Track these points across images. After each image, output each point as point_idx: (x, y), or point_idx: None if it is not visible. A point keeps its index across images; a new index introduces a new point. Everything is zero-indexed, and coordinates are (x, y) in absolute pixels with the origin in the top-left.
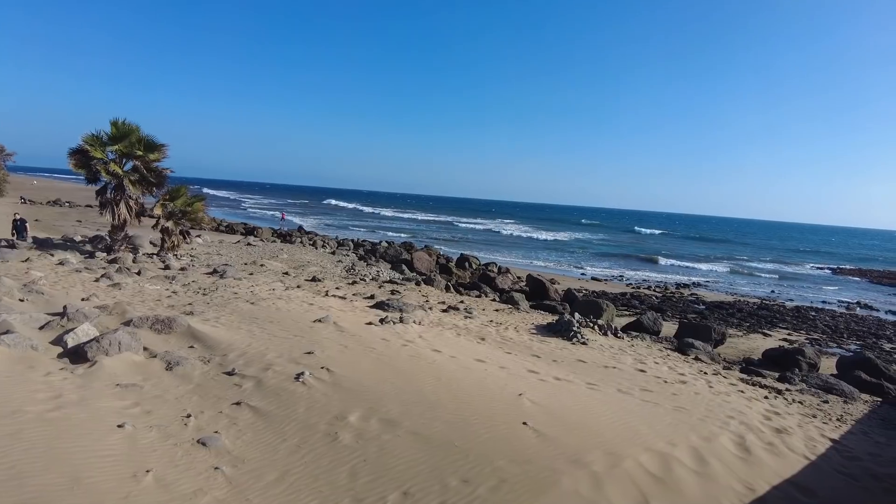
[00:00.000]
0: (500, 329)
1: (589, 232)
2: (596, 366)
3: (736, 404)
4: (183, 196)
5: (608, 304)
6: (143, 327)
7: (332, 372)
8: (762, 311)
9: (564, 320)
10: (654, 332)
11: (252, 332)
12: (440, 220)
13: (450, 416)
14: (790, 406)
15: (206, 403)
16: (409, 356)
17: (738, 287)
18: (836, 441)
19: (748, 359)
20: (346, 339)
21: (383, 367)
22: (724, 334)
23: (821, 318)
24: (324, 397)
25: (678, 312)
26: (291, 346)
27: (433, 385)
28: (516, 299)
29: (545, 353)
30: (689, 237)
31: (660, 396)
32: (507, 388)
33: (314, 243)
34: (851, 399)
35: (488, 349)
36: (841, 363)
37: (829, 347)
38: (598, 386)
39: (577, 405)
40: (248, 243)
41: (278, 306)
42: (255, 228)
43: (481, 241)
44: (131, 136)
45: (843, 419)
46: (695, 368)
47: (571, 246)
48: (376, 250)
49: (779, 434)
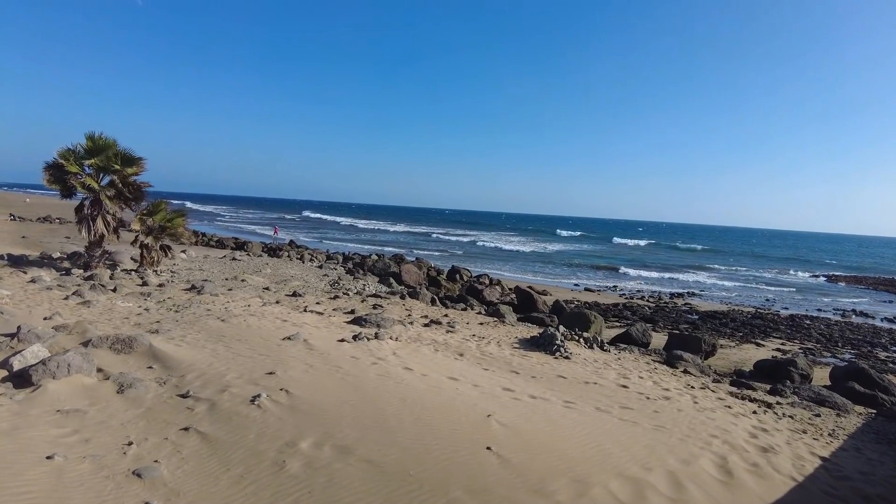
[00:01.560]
0: (481, 344)
1: (582, 243)
2: (576, 382)
3: (721, 421)
4: (162, 211)
5: (596, 316)
6: (101, 347)
7: (291, 394)
8: (756, 321)
9: (548, 334)
10: (643, 344)
11: (216, 351)
12: (434, 232)
13: (409, 441)
14: (780, 421)
15: (152, 429)
16: (376, 375)
17: (732, 296)
18: (827, 459)
19: (739, 371)
20: (313, 358)
21: (346, 388)
22: (714, 345)
23: (815, 327)
24: (278, 422)
25: (670, 323)
26: (254, 365)
27: (397, 407)
28: (502, 312)
29: (525, 369)
30: (680, 246)
31: (640, 415)
32: (476, 408)
33: (301, 257)
34: (844, 412)
35: (465, 366)
36: (834, 374)
37: (823, 357)
38: (575, 404)
39: (549, 426)
40: (233, 258)
41: (249, 323)
42: (246, 243)
43: (478, 254)
44: (108, 149)
45: (835, 434)
46: (682, 382)
47: (565, 256)
48: (365, 263)
49: (765, 453)
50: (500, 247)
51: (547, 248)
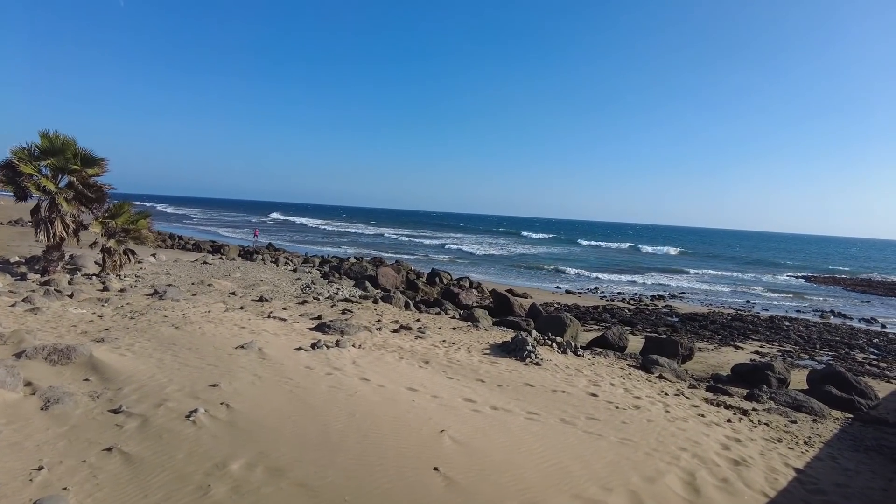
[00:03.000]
0: (450, 350)
1: (567, 245)
2: (544, 390)
3: (693, 432)
4: (126, 213)
5: (572, 320)
6: (36, 358)
7: (232, 408)
8: (736, 323)
9: (518, 339)
10: (620, 349)
11: (163, 360)
12: (419, 234)
13: (351, 461)
14: (755, 430)
15: (71, 450)
16: (328, 387)
17: (712, 298)
18: (801, 471)
19: (716, 375)
20: (263, 369)
21: (293, 402)
22: (691, 349)
23: (794, 329)
24: (212, 440)
25: (649, 326)
26: (199, 377)
27: (344, 422)
28: (477, 316)
29: (491, 377)
30: (662, 249)
31: (606, 426)
32: (430, 422)
33: (276, 261)
34: (821, 417)
35: (428, 374)
36: (811, 377)
37: (801, 360)
38: (538, 415)
39: (507, 441)
40: (204, 262)
41: (204, 330)
42: (223, 246)
43: (461, 257)
44: (66, 149)
45: (811, 442)
46: (656, 389)
47: (547, 259)
48: (341, 267)
49: (736, 467)
50: (485, 251)
51: (530, 251)
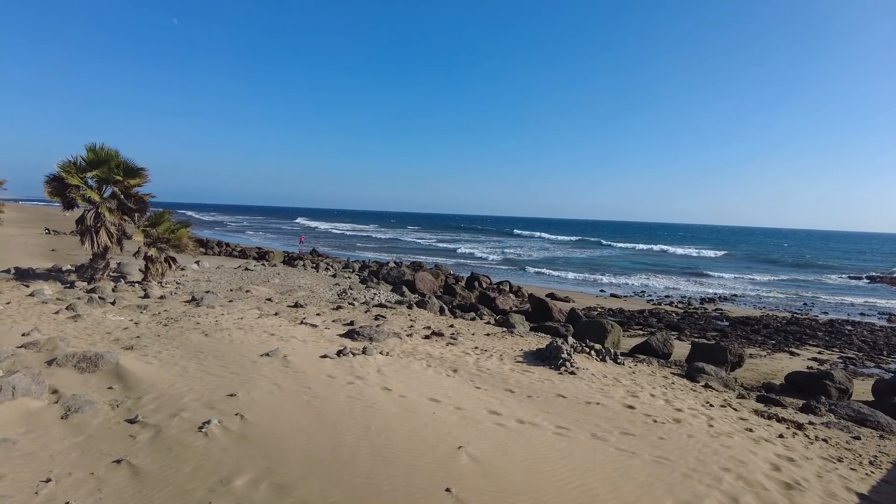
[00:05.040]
0: (481, 358)
1: (610, 249)
2: (576, 402)
3: (738, 449)
4: (166, 222)
5: (613, 325)
6: (66, 365)
7: (246, 419)
8: (791, 327)
9: (553, 346)
10: (664, 356)
11: (186, 368)
12: (454, 238)
13: (359, 479)
14: (811, 447)
15: (83, 462)
16: (347, 398)
17: (765, 301)
18: (865, 496)
19: (768, 384)
20: (284, 377)
21: (308, 413)
22: (741, 356)
23: (857, 333)
24: (221, 453)
25: (697, 331)
26: (219, 385)
27: (358, 436)
28: (513, 322)
29: (522, 387)
30: (710, 248)
31: (641, 442)
32: (448, 437)
33: (317, 266)
34: (889, 433)
35: (454, 384)
36: (878, 387)
37: (865, 368)
38: (568, 430)
39: (530, 460)
40: (245, 268)
41: (233, 337)
42: (268, 252)
43: (508, 261)
44: (110, 161)
45: (877, 462)
46: (700, 399)
47: (584, 262)
48: (380, 272)
49: (788, 491)
50: (516, 254)
51: (579, 255)
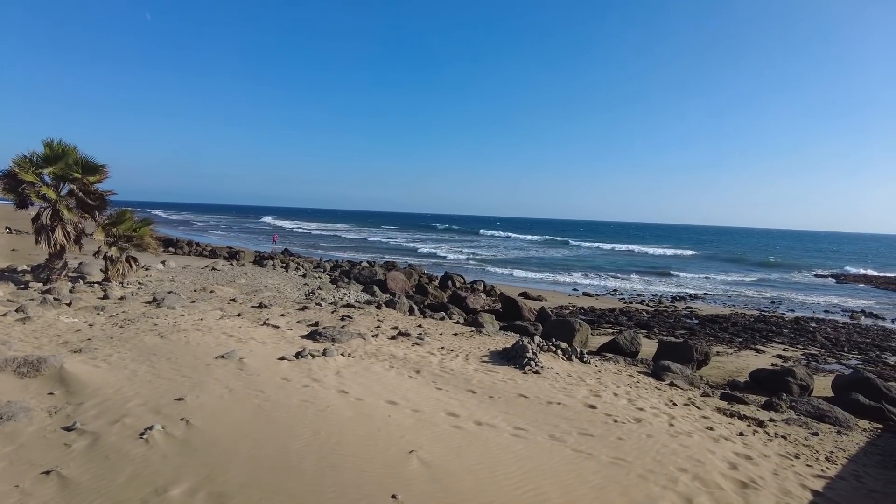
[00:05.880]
0: (446, 358)
1: (583, 248)
2: (538, 402)
3: (697, 449)
4: (127, 220)
5: (581, 324)
6: (5, 370)
7: (191, 425)
8: (758, 325)
9: (519, 346)
10: (631, 354)
11: (136, 372)
12: (426, 238)
13: (303, 486)
14: (769, 444)
15: (8, 474)
16: (300, 401)
17: (735, 299)
18: (820, 493)
19: (733, 381)
20: (237, 380)
21: (257, 418)
22: (707, 354)
23: (821, 330)
24: (160, 461)
25: (667, 329)
26: (168, 389)
27: (306, 441)
28: (482, 321)
29: (484, 388)
30: (682, 248)
31: (600, 443)
32: (402, 441)
33: (287, 266)
34: (846, 428)
35: (415, 385)
36: (837, 384)
37: (827, 364)
38: (526, 431)
39: (484, 463)
40: (213, 268)
41: (189, 339)
42: (238, 252)
43: (470, 260)
44: (67, 157)
45: (833, 458)
46: (664, 398)
47: (568, 261)
48: (352, 272)
49: (744, 490)
50: (505, 254)
51: (554, 254)
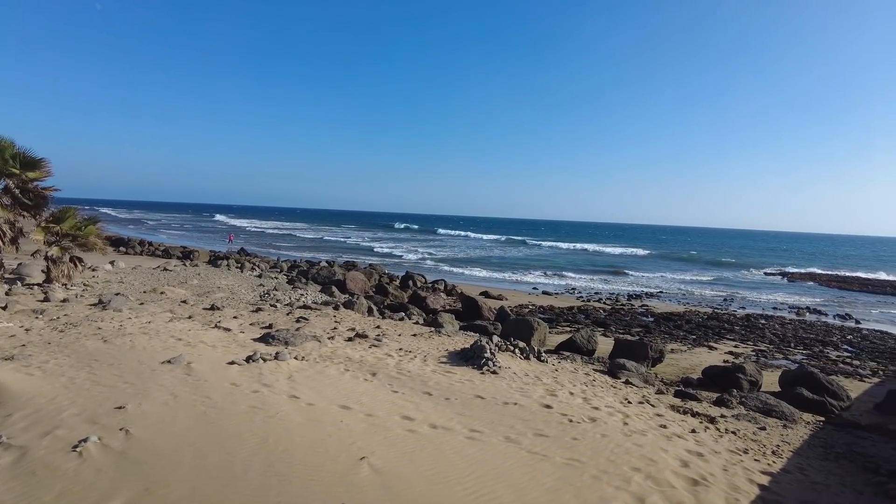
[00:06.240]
0: (404, 360)
1: (543, 247)
2: (494, 403)
3: (650, 448)
4: (71, 218)
5: (540, 323)
6: None
7: (130, 435)
8: (711, 322)
9: (477, 346)
10: (588, 352)
11: (74, 379)
12: (385, 237)
13: (248, 496)
14: (720, 440)
15: None
16: (248, 407)
17: (689, 297)
18: (766, 487)
19: (686, 378)
20: (184, 386)
21: (202, 426)
22: (661, 351)
23: (770, 327)
24: (93, 475)
25: (623, 326)
26: (108, 397)
27: (253, 450)
28: (442, 321)
29: (441, 389)
30: (638, 247)
31: (555, 444)
32: (353, 447)
33: (242, 266)
34: (792, 422)
35: (370, 388)
36: (783, 379)
37: (775, 359)
38: (481, 433)
39: (437, 468)
40: (165, 268)
41: (135, 343)
42: (193, 251)
43: (440, 260)
44: (3, 151)
45: (779, 452)
46: (619, 396)
47: (528, 260)
48: (310, 272)
49: (694, 488)
50: (466, 253)
51: (515, 253)
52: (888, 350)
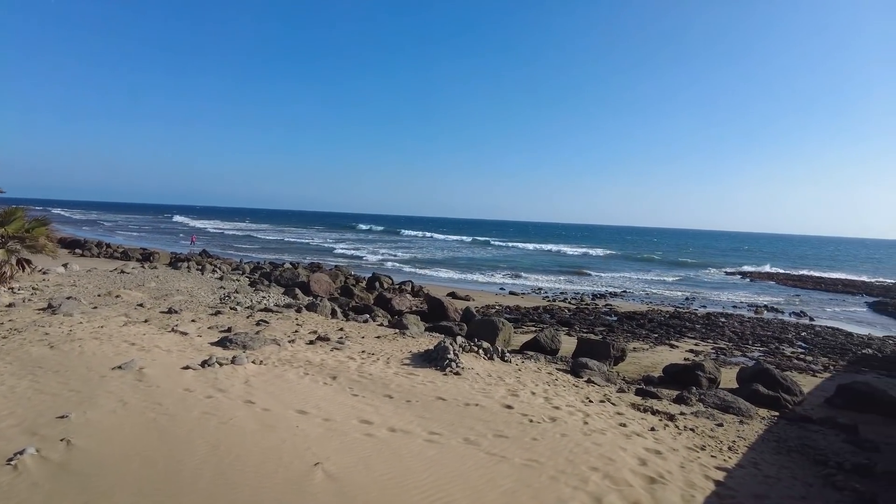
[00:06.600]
0: (366, 362)
1: (510, 248)
2: (456, 404)
3: (609, 447)
4: (18, 220)
5: (504, 323)
6: None
7: (73, 445)
8: (673, 321)
9: (441, 347)
10: (552, 352)
11: (14, 388)
12: (349, 239)
13: None
14: (678, 437)
15: None
16: (201, 413)
17: (653, 296)
18: (721, 483)
19: (647, 377)
20: (134, 393)
21: (151, 433)
22: (623, 350)
23: (729, 325)
24: (29, 490)
25: (587, 326)
26: (51, 406)
27: (203, 457)
28: (407, 322)
29: (402, 392)
30: (602, 247)
31: (514, 445)
32: (307, 453)
33: (203, 268)
34: (748, 418)
35: (330, 392)
36: (740, 376)
37: (733, 357)
38: (441, 436)
39: (393, 472)
40: (122, 271)
41: (84, 349)
42: (153, 253)
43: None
44: None
45: (735, 447)
46: (581, 395)
47: (495, 261)
48: (272, 274)
49: (651, 486)
50: (433, 254)
51: (483, 254)
52: (839, 346)
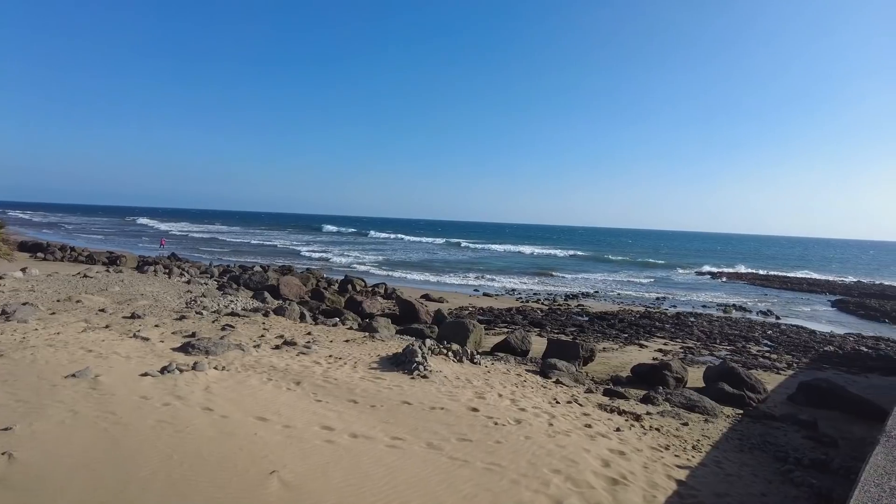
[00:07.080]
0: (332, 367)
1: (482, 250)
2: (421, 408)
3: (573, 448)
4: None
5: (475, 325)
6: None
7: (15, 459)
8: (643, 321)
9: (409, 350)
10: (522, 353)
11: None
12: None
13: None
14: (643, 438)
15: None
16: (156, 422)
17: (624, 297)
18: (683, 483)
19: (616, 377)
20: (86, 402)
21: (102, 444)
22: (593, 350)
23: (698, 325)
24: None
25: (559, 326)
26: None
27: (155, 468)
28: (376, 326)
29: (367, 397)
30: (575, 248)
31: (477, 448)
32: (264, 461)
33: (170, 272)
34: (713, 416)
35: (292, 398)
36: (707, 375)
37: (701, 356)
38: (403, 441)
39: (352, 479)
40: (84, 275)
41: (37, 356)
42: (119, 257)
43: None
44: None
45: (699, 446)
46: (548, 397)
47: (470, 263)
48: (241, 277)
49: (614, 487)
50: (408, 256)
51: (459, 256)
52: (802, 344)
